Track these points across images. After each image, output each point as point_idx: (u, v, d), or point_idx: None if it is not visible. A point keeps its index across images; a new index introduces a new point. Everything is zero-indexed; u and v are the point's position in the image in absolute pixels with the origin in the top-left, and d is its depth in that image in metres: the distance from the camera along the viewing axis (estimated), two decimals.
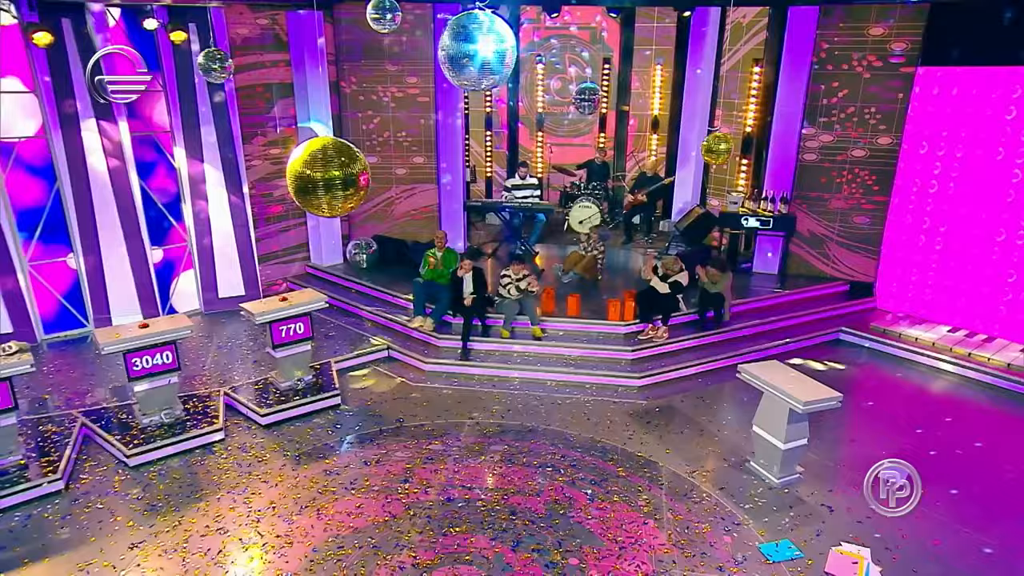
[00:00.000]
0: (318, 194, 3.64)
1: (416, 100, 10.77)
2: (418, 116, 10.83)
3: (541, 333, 8.56)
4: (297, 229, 11.06)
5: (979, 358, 8.34)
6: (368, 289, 10.14)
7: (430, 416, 7.49)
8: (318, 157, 3.65)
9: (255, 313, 7.32)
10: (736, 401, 7.90)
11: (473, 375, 8.36)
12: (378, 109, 10.86)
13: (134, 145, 9.23)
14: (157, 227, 9.70)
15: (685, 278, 8.75)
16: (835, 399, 6.08)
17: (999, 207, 8.63)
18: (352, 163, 3.68)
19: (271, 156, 10.58)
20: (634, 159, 13.45)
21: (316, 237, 11.01)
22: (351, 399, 7.85)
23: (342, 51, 10.68)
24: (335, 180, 3.64)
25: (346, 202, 3.69)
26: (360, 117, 10.94)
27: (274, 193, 10.71)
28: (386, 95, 10.81)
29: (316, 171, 3.63)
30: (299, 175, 3.65)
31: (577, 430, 7.26)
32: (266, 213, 10.69)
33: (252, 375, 8.19)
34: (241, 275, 10.31)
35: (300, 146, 3.76)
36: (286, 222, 10.94)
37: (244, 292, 10.28)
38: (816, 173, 9.97)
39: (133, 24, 8.93)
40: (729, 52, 11.17)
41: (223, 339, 9.33)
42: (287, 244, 11.02)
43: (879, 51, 9.18)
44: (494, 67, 4.48)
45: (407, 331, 9.07)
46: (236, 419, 7.40)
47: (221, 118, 9.69)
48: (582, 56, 13.59)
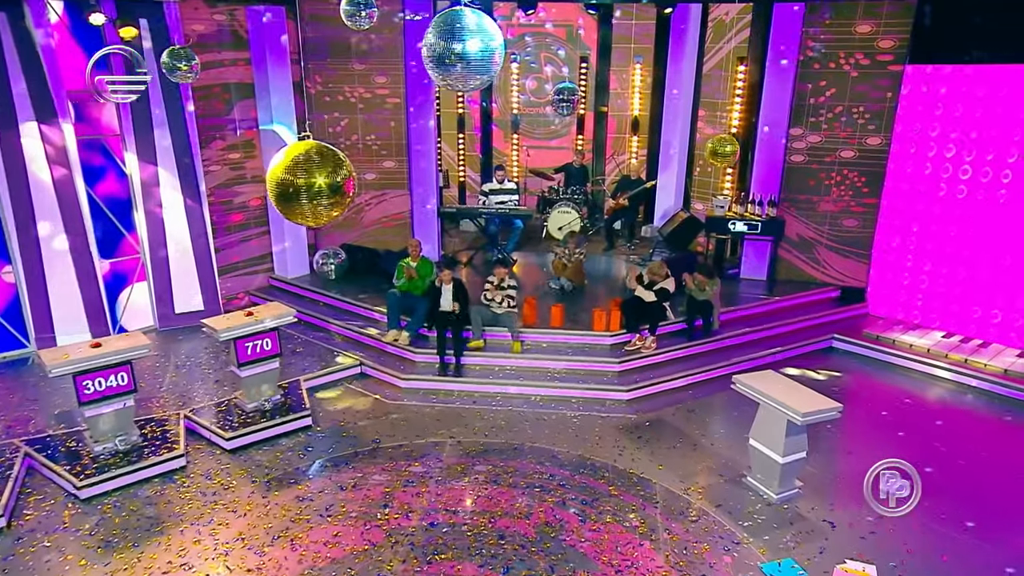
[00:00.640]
0: (301, 202, 3.57)
1: (385, 101, 10.70)
2: (388, 118, 10.76)
3: (520, 348, 8.51)
4: (260, 239, 10.88)
5: (975, 364, 8.51)
6: (338, 301, 10.01)
7: (408, 436, 7.39)
8: (301, 162, 3.58)
9: (218, 329, 7.15)
10: (729, 413, 7.93)
11: (452, 391, 8.29)
12: (345, 110, 10.77)
13: (80, 150, 8.99)
14: (107, 238, 9.46)
15: (672, 285, 8.80)
16: (835, 409, 6.13)
17: (991, 208, 8.84)
18: (337, 169, 3.62)
19: (231, 161, 10.41)
20: (614, 162, 13.53)
21: (280, 247, 10.84)
22: (323, 420, 7.71)
23: (306, 49, 10.57)
24: (320, 187, 3.57)
25: (331, 210, 3.63)
26: (326, 119, 10.83)
27: (234, 200, 10.54)
28: (353, 96, 10.72)
29: (299, 177, 3.55)
30: (281, 181, 3.57)
31: (565, 447, 7.22)
32: (226, 222, 10.50)
33: (214, 396, 8.01)
34: (199, 288, 10.11)
35: (281, 151, 3.69)
36: (248, 231, 10.76)
37: (203, 307, 10.09)
38: (804, 175, 10.13)
39: (78, 19, 8.71)
40: (712, 50, 11.31)
41: (181, 358, 9.12)
42: (249, 255, 10.84)
43: (867, 49, 9.38)
44: (482, 66, 4.45)
45: (381, 346, 8.96)
46: (198, 444, 7.22)
47: (176, 121, 9.50)
48: (558, 55, 13.66)
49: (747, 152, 10.87)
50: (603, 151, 13.70)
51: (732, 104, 10.70)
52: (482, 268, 10.95)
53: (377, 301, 9.61)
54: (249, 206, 10.69)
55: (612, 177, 13.65)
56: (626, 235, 12.29)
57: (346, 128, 10.84)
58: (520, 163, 13.73)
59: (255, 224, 10.80)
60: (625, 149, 13.56)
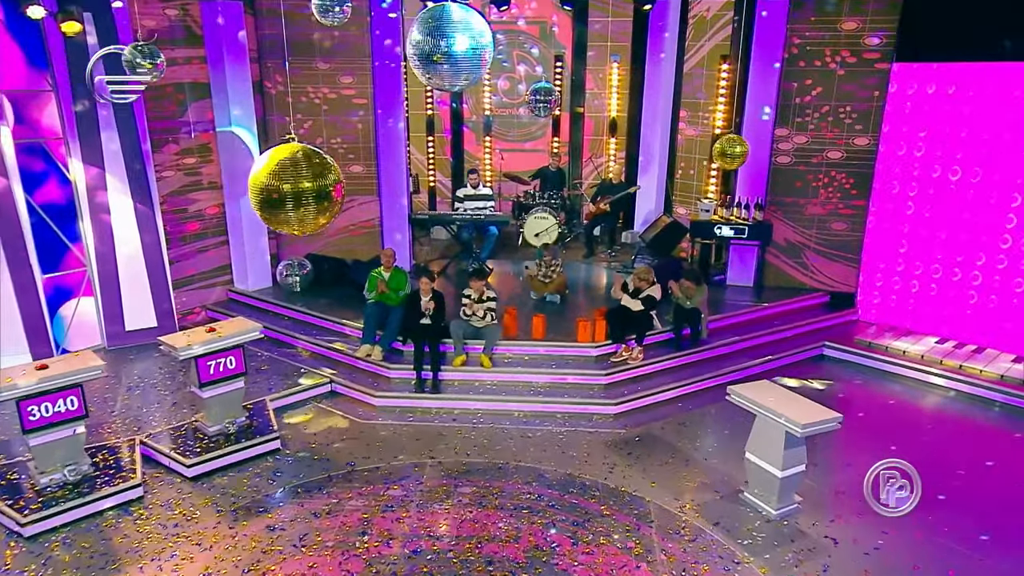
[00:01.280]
0: (287, 208, 3.48)
1: (352, 102, 10.62)
2: (355, 120, 10.67)
3: (489, 364, 8.48)
4: (218, 249, 10.68)
5: (971, 370, 8.69)
6: (304, 315, 9.86)
7: (385, 457, 7.28)
8: (287, 167, 3.50)
9: (178, 347, 6.97)
10: (722, 426, 7.98)
11: (431, 409, 8.21)
12: (309, 112, 10.65)
13: (18, 154, 8.72)
14: (49, 250, 9.17)
15: (658, 292, 8.83)
16: (835, 420, 6.18)
17: (982, 209, 9.06)
18: (325, 173, 3.55)
19: (185, 166, 10.21)
20: (592, 164, 13.60)
21: (240, 258, 10.65)
22: (292, 442, 7.56)
23: (265, 47, 10.44)
24: (306, 192, 3.49)
25: (319, 217, 3.55)
26: (288, 121, 10.65)
27: (190, 208, 10.33)
28: (317, 96, 10.61)
29: (285, 183, 3.47)
30: (265, 187, 3.48)
31: (552, 465, 7.18)
32: (181, 231, 10.29)
33: (172, 419, 7.81)
34: (152, 304, 9.88)
35: (264, 155, 3.61)
36: (204, 241, 10.55)
37: (156, 323, 9.86)
38: (791, 177, 10.28)
39: (13, 12, 8.46)
40: (692, 48, 11.45)
41: (134, 379, 8.89)
42: (206, 266, 10.63)
43: (853, 46, 9.57)
44: (470, 65, 4.43)
45: (352, 361, 8.84)
46: (156, 472, 7.01)
47: (125, 123, 9.29)
48: (532, 53, 13.71)
49: None
50: (580, 154, 13.78)
51: (715, 104, 10.81)
52: (455, 278, 10.88)
53: (346, 314, 9.49)
54: (206, 214, 10.49)
55: (590, 181, 13.71)
56: (606, 241, 12.33)
57: (310, 131, 10.70)
58: (493, 167, 13.71)
59: (213, 233, 10.60)
60: (603, 151, 13.62)
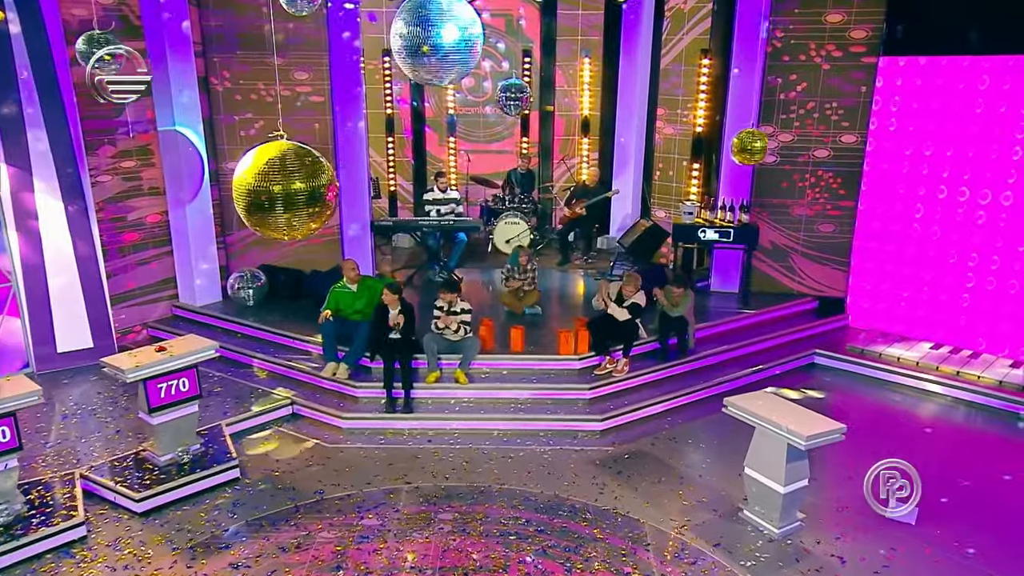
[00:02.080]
0: (276, 212, 3.39)
1: (308, 100, 10.48)
2: (311, 120, 10.54)
3: (465, 380, 8.42)
4: (161, 260, 10.43)
5: (968, 376, 8.90)
6: (259, 332, 9.67)
7: (357, 484, 7.15)
8: (276, 167, 3.41)
9: (125, 369, 6.74)
10: (714, 440, 8.03)
11: (403, 430, 8.11)
12: (260, 111, 10.49)
13: None
14: None
15: (643, 299, 8.86)
16: (838, 431, 6.25)
17: (974, 208, 9.31)
18: (318, 173, 3.46)
19: (124, 170, 9.96)
20: (565, 166, 13.64)
21: (187, 270, 10.40)
22: (253, 470, 7.38)
23: (212, 40, 10.25)
24: (298, 194, 3.40)
25: (311, 221, 3.46)
26: (237, 121, 10.52)
27: (129, 216, 10.08)
28: (270, 94, 10.45)
29: (274, 184, 3.38)
30: (253, 189, 3.38)
31: (538, 487, 7.13)
32: (119, 242, 10.03)
33: (116, 449, 7.57)
34: (88, 322, 9.59)
35: (250, 153, 3.51)
36: (145, 252, 10.30)
37: (92, 344, 9.59)
38: (776, 177, 10.45)
39: None
40: (670, 43, 11.58)
41: (69, 406, 8.60)
42: (148, 280, 10.38)
43: (838, 40, 9.79)
44: (459, 57, 4.39)
45: (315, 380, 8.70)
46: (101, 508, 6.77)
47: (55, 121, 8.99)
48: (497, 48, 13.72)
49: (712, 153, 11.16)
50: (550, 155, 13.81)
51: (696, 101, 10.94)
52: (422, 288, 10.79)
53: (306, 330, 9.34)
54: (147, 223, 10.25)
55: (561, 183, 13.76)
56: (582, 248, 12.36)
57: (261, 131, 10.52)
58: (458, 169, 13.66)
59: (155, 243, 10.35)
60: (575, 152, 13.68)
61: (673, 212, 11.84)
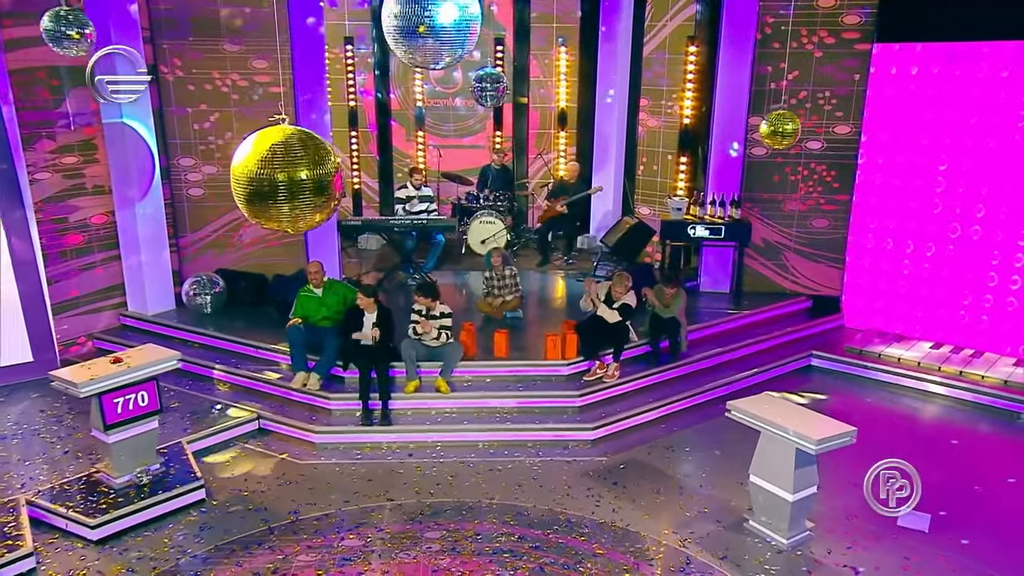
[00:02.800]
0: (278, 202, 3.31)
1: (267, 91, 10.35)
2: (271, 111, 10.36)
3: (447, 389, 8.38)
4: (107, 266, 10.17)
5: (971, 376, 9.07)
6: (219, 341, 9.49)
7: (334, 502, 7.05)
8: (278, 153, 3.34)
9: (78, 382, 6.55)
10: (712, 447, 8.08)
11: (381, 443, 8.03)
12: (215, 102, 10.33)
13: None
14: None
15: (633, 299, 8.87)
16: (849, 434, 6.31)
17: (973, 201, 9.51)
18: (322, 161, 3.40)
19: (65, 167, 9.70)
20: (542, 160, 13.65)
21: (136, 276, 10.16)
22: (219, 490, 7.23)
23: (161, 25, 10.05)
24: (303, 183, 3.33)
25: (315, 212, 3.40)
26: (190, 113, 10.33)
27: (71, 218, 9.81)
28: (225, 84, 10.29)
29: (277, 171, 3.31)
30: (253, 177, 3.30)
31: (530, 501, 7.09)
32: (61, 245, 9.76)
33: (66, 472, 7.36)
34: (26, 333, 9.37)
35: (249, 139, 3.43)
36: (90, 256, 10.03)
37: (32, 357, 9.39)
38: (767, 171, 10.56)
39: None
40: (652, 30, 11.65)
41: (8, 426, 8.36)
42: (93, 287, 10.11)
43: (830, 25, 9.94)
44: (455, 39, 4.35)
45: (283, 392, 8.57)
46: (51, 537, 6.57)
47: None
48: None
49: (699, 146, 11.24)
50: (525, 149, 13.82)
51: (683, 91, 11.02)
52: (393, 294, 10.69)
53: (270, 338, 9.21)
54: (91, 224, 9.98)
55: (537, 180, 13.77)
56: (563, 248, 12.36)
57: (217, 124, 10.38)
58: (427, 165, 13.59)
59: (100, 247, 10.08)
60: (552, 147, 13.70)
61: (659, 209, 11.90)
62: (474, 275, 11.61)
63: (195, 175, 10.53)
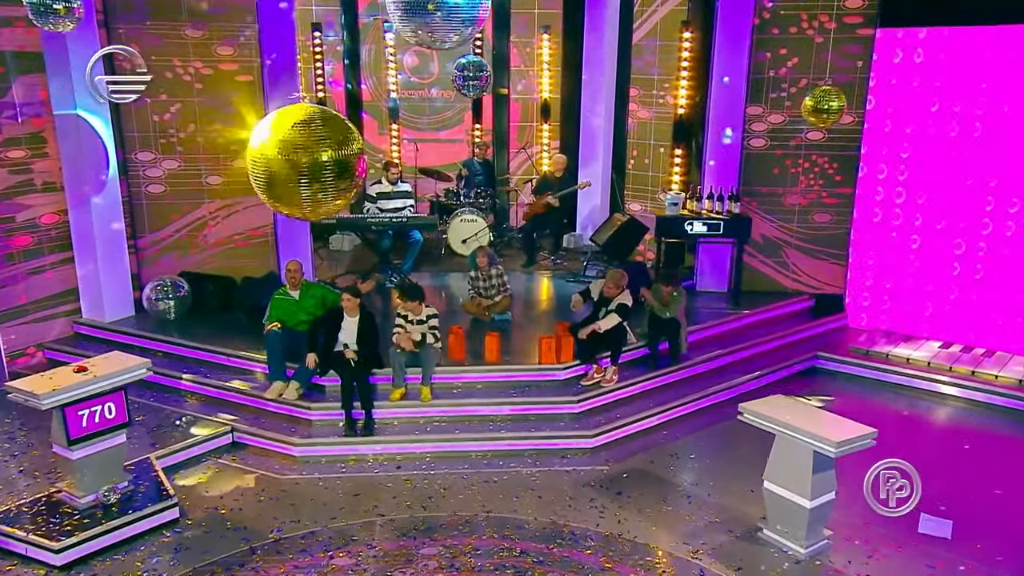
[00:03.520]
0: (299, 185, 3.26)
1: (234, 79, 10.27)
2: (238, 102, 10.27)
3: (429, 397, 8.36)
4: (59, 269, 9.98)
5: (984, 376, 9.20)
6: (185, 350, 9.36)
7: (320, 519, 6.96)
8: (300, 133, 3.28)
9: (40, 394, 6.38)
10: (718, 454, 8.13)
11: (367, 455, 7.97)
12: (176, 92, 10.19)
13: None
14: None
15: (629, 299, 8.87)
16: (869, 436, 6.36)
17: (981, 193, 9.67)
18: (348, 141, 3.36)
19: (11, 161, 9.53)
20: (525, 153, 13.64)
21: (92, 280, 9.97)
22: (194, 509, 7.11)
23: (116, 7, 9.90)
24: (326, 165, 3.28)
25: (337, 197, 3.35)
26: (149, 103, 10.15)
27: (18, 217, 9.63)
28: (187, 72, 10.16)
29: (298, 153, 3.25)
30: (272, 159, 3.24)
31: (531, 513, 7.07)
32: (7, 247, 9.59)
33: (22, 493, 7.19)
34: None
35: (267, 119, 3.38)
36: (39, 259, 9.84)
37: None
38: (766, 163, 10.66)
39: None
40: (642, 15, 11.71)
41: None
42: (42, 293, 9.92)
43: (831, 9, 10.06)
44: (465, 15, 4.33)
45: (258, 403, 8.47)
46: (10, 564, 6.41)
47: None
48: None
49: (692, 137, 11.31)
50: (505, 143, 13.82)
51: (677, 80, 11.06)
52: (368, 296, 10.59)
53: (243, 345, 9.11)
54: (41, 224, 9.79)
55: (519, 175, 13.77)
56: (549, 247, 12.36)
57: (179, 116, 10.24)
58: (402, 161, 13.52)
59: (51, 249, 9.89)
60: (535, 140, 13.71)
61: (650, 204, 11.95)
62: (454, 276, 11.60)
63: (155, 170, 10.36)
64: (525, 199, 12.58)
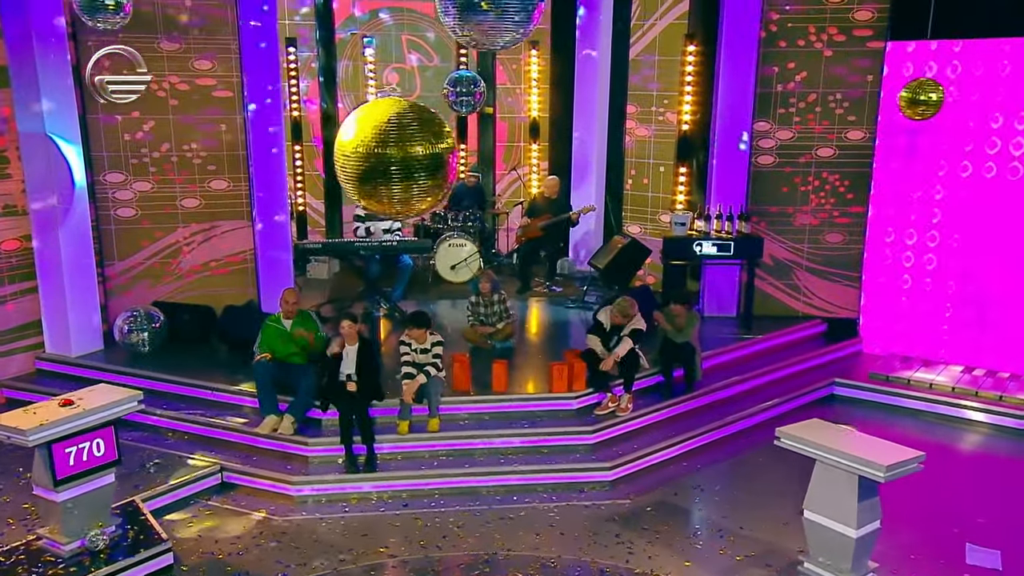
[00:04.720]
0: (390, 181, 3.25)
1: (212, 95, 10.27)
2: (217, 119, 10.26)
3: (437, 427, 8.34)
4: (20, 300, 9.77)
5: (1013, 401, 9.34)
6: (162, 384, 9.20)
7: (329, 561, 6.85)
8: (392, 128, 3.28)
9: (25, 429, 6.20)
10: (745, 485, 8.15)
11: (370, 493, 7.89)
12: (150, 109, 10.12)
13: None
14: None
15: (642, 323, 8.90)
16: (917, 460, 6.38)
17: (998, 210, 9.89)
18: (441, 135, 3.36)
19: None
20: (517, 175, 13.70)
21: (57, 312, 9.75)
22: (188, 554, 6.96)
23: None
24: (418, 161, 3.28)
25: (427, 196, 3.34)
26: (119, 121, 10.06)
27: None
28: (162, 88, 10.10)
29: (393, 147, 3.25)
30: (366, 155, 3.23)
31: (555, 551, 7.03)
32: None
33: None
34: None
35: (355, 112, 3.37)
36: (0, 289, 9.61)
37: None
38: (775, 181, 10.82)
39: None
40: (640, 30, 11.89)
41: None
42: (2, 326, 9.71)
43: (841, 22, 10.30)
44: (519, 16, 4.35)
45: (249, 439, 8.33)
46: None
47: None
48: (427, 39, 13.78)
49: (697, 155, 11.44)
50: (492, 164, 13.87)
51: (681, 95, 11.21)
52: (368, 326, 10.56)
53: (227, 378, 9.01)
54: (1, 251, 9.58)
55: (507, 198, 13.82)
56: (544, 272, 12.38)
57: (153, 134, 10.15)
58: None
59: (13, 278, 9.69)
60: (524, 161, 13.78)
61: (651, 227, 12.03)
62: (444, 304, 11.56)
63: (125, 193, 10.23)
64: (512, 224, 12.59)
